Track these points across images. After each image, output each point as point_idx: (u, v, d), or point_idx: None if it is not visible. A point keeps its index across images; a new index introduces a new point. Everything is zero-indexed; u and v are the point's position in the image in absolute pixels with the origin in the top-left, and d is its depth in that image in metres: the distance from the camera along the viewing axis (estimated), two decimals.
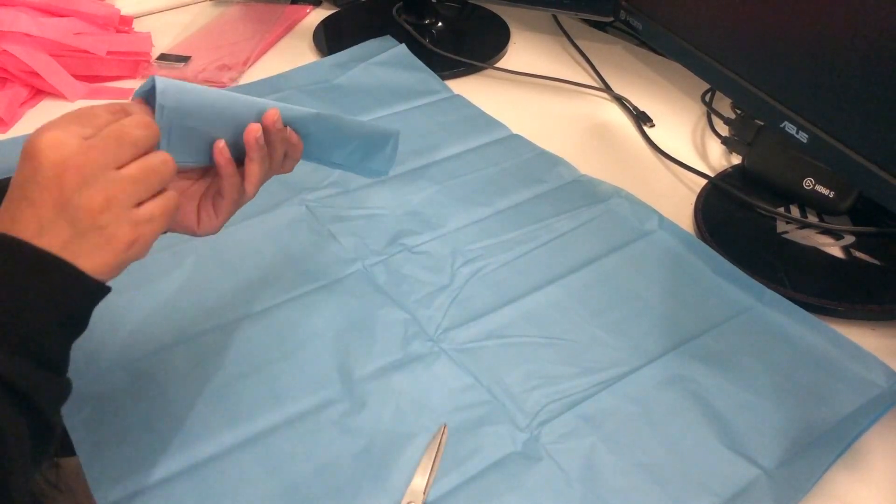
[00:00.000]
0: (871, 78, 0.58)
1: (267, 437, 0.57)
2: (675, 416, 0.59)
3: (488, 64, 1.04)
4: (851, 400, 0.59)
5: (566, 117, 0.95)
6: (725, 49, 0.74)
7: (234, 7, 1.17)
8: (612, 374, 0.62)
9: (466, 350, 0.64)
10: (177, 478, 0.54)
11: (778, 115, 0.68)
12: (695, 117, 0.95)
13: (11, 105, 0.92)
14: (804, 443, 0.56)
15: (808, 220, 0.75)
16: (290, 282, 0.70)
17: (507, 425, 0.58)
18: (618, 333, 0.65)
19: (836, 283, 0.69)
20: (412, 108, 0.95)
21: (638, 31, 0.86)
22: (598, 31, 1.14)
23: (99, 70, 0.98)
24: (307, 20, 1.16)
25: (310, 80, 0.99)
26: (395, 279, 0.70)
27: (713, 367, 0.62)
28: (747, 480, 0.54)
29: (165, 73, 0.99)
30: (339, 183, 0.82)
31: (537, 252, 0.73)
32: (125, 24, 1.05)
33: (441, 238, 0.75)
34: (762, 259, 0.72)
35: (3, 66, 0.93)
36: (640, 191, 0.80)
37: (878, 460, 0.57)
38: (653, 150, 0.89)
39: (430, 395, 0.60)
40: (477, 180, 0.83)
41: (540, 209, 0.79)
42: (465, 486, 0.54)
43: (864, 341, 0.64)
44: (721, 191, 0.80)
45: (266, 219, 0.77)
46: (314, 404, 0.59)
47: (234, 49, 1.05)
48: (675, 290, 0.69)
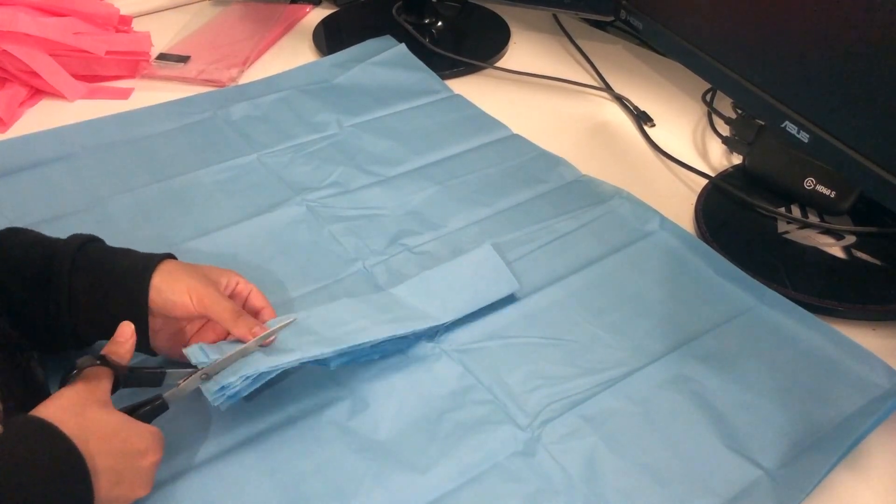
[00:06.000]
0: (872, 77, 0.58)
1: (267, 437, 0.57)
2: (676, 417, 0.58)
3: (488, 64, 1.03)
4: (853, 400, 0.59)
5: (566, 117, 0.95)
6: (726, 48, 0.73)
7: (233, 6, 1.17)
8: (614, 375, 0.61)
9: (467, 350, 0.63)
10: (177, 478, 0.54)
11: (779, 114, 0.68)
12: (695, 117, 0.95)
13: (11, 105, 0.91)
14: (805, 443, 0.56)
15: (808, 220, 0.75)
16: (290, 282, 0.70)
17: (508, 425, 0.58)
18: (619, 334, 0.65)
19: (837, 283, 0.69)
20: (412, 107, 0.94)
21: (638, 30, 0.86)
22: (598, 31, 1.14)
23: (98, 70, 0.98)
24: (307, 20, 1.16)
25: (309, 79, 0.99)
26: (396, 279, 0.70)
27: (714, 367, 0.62)
28: (748, 481, 0.54)
29: (165, 73, 0.99)
30: (339, 183, 0.82)
31: (538, 252, 0.73)
32: (124, 23, 1.04)
33: (442, 238, 0.75)
34: (763, 259, 0.72)
35: (3, 66, 0.93)
36: (641, 191, 0.80)
37: (880, 461, 0.57)
38: (653, 149, 0.89)
39: (431, 396, 0.60)
40: (477, 180, 0.83)
41: (541, 209, 0.78)
42: (467, 486, 0.54)
43: (865, 341, 0.64)
44: (722, 191, 0.80)
45: (266, 219, 0.77)
46: (314, 404, 0.59)
47: (234, 49, 1.05)
48: (676, 290, 0.69)
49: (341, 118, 0.92)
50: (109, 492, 0.47)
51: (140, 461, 0.49)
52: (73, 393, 0.49)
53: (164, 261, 0.58)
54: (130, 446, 0.49)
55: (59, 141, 0.86)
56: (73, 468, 0.45)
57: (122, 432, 0.49)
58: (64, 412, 0.47)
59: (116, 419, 0.50)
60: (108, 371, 0.51)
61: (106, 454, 0.47)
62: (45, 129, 0.88)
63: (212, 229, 0.75)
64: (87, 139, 0.87)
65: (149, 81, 0.99)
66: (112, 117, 0.91)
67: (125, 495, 0.49)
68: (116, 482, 0.47)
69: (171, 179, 0.82)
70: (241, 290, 0.61)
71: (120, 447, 0.48)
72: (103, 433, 0.48)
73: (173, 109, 0.92)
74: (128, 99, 0.96)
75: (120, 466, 0.48)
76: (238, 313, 0.56)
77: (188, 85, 0.98)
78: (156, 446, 0.51)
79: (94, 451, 0.46)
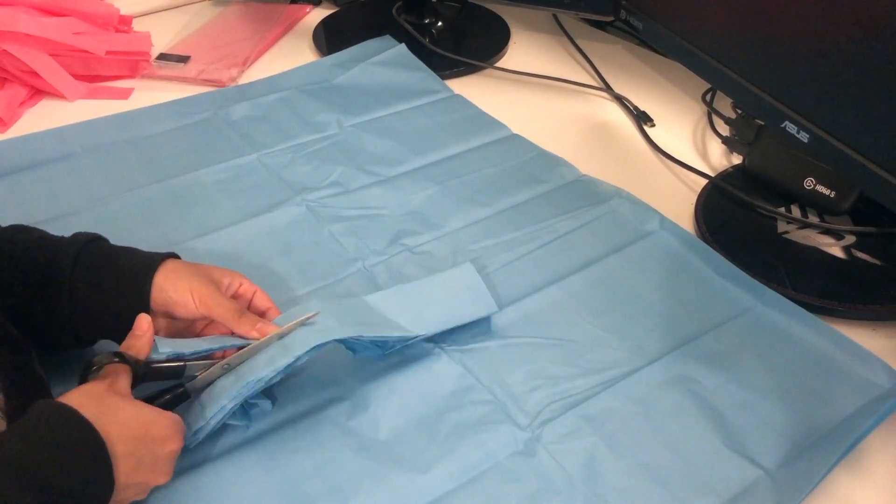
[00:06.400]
0: (872, 77, 0.58)
1: (267, 437, 0.57)
2: (676, 417, 0.58)
3: (488, 64, 1.03)
4: (853, 400, 0.59)
5: (566, 117, 0.95)
6: (726, 48, 0.73)
7: (233, 6, 1.17)
8: (614, 375, 0.61)
9: (467, 350, 0.63)
10: (177, 477, 0.54)
11: (779, 114, 0.68)
12: (695, 117, 0.95)
13: (10, 105, 0.91)
14: (805, 443, 0.56)
15: (808, 220, 0.75)
16: (290, 282, 0.70)
17: (508, 425, 0.58)
18: (619, 334, 0.65)
19: (837, 283, 0.69)
20: (412, 107, 0.95)
21: (638, 30, 0.86)
22: (598, 31, 1.14)
23: (98, 70, 0.98)
24: (307, 20, 1.16)
25: (309, 79, 0.99)
26: (396, 279, 0.70)
27: (714, 367, 0.62)
28: (748, 481, 0.54)
29: (165, 73, 0.99)
30: (339, 183, 0.82)
31: (538, 252, 0.73)
32: (124, 23, 1.04)
33: (442, 238, 0.75)
34: (763, 259, 0.72)
35: (3, 66, 0.93)
36: (641, 191, 0.80)
37: (880, 461, 0.57)
38: (653, 149, 0.89)
39: (431, 396, 0.60)
40: (477, 180, 0.83)
41: (541, 209, 0.78)
42: (467, 485, 0.54)
43: (865, 341, 0.64)
44: (722, 191, 0.80)
45: (266, 219, 0.77)
46: (314, 404, 0.59)
47: (234, 49, 1.05)
48: (676, 290, 0.69)
49: (341, 118, 0.92)
50: (129, 477, 0.47)
51: (160, 448, 0.49)
52: (92, 385, 0.49)
53: (167, 260, 0.58)
54: (150, 433, 0.49)
55: (60, 141, 0.86)
56: (93, 451, 0.45)
57: (142, 419, 0.49)
58: (84, 398, 0.47)
59: (136, 406, 0.50)
60: (125, 367, 0.51)
61: (126, 440, 0.47)
62: (45, 129, 0.88)
63: (212, 229, 0.75)
64: (87, 139, 0.87)
65: (149, 81, 0.99)
66: (112, 117, 0.91)
67: (144, 481, 0.49)
68: (136, 468, 0.47)
69: (172, 179, 0.82)
70: (245, 291, 0.60)
71: (140, 433, 0.48)
72: (123, 419, 0.48)
73: (173, 109, 0.92)
74: (128, 99, 0.96)
75: (140, 452, 0.48)
76: (240, 312, 0.56)
77: (188, 85, 0.98)
78: (176, 434, 0.51)
79: (113, 437, 0.46)
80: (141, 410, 0.49)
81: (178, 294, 0.56)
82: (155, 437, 0.49)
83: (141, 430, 0.48)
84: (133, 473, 0.47)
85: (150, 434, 0.49)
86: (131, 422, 0.48)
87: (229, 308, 0.56)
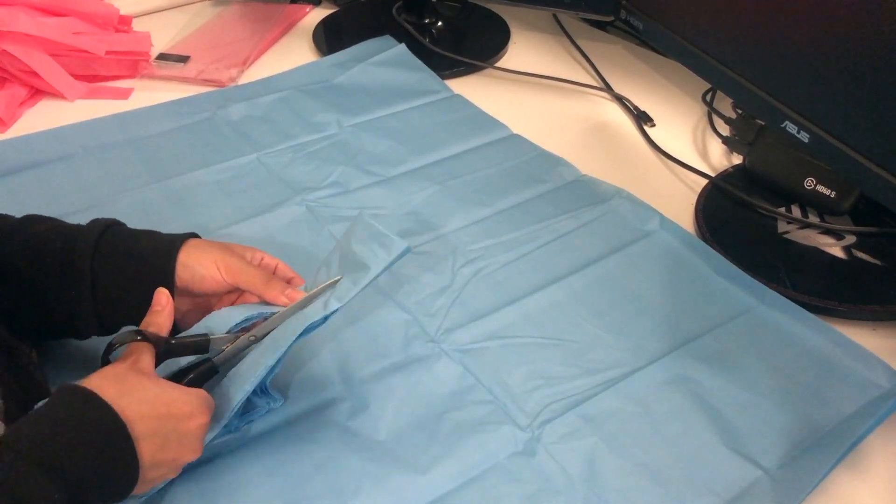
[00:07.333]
0: (872, 77, 0.58)
1: (267, 438, 0.57)
2: (676, 417, 0.58)
3: (488, 64, 1.03)
4: (853, 400, 0.59)
5: (566, 117, 0.95)
6: (726, 48, 0.73)
7: (233, 6, 1.17)
8: (614, 375, 0.61)
9: (467, 351, 0.63)
10: (176, 477, 0.54)
11: (779, 114, 0.68)
12: (695, 117, 0.95)
13: (10, 105, 0.91)
14: (806, 443, 0.56)
15: (809, 220, 0.75)
16: None
17: (508, 425, 0.58)
18: (619, 334, 0.65)
19: (838, 283, 0.69)
20: (412, 107, 0.94)
21: (638, 30, 0.86)
22: (598, 31, 1.14)
23: (98, 70, 0.98)
24: (307, 19, 1.16)
25: (309, 79, 0.99)
26: (396, 280, 0.70)
27: (714, 367, 0.62)
28: (749, 481, 0.54)
29: (165, 73, 0.99)
30: (339, 183, 0.82)
31: (538, 252, 0.73)
32: (124, 23, 1.04)
33: (442, 238, 0.75)
34: (763, 259, 0.72)
35: (3, 66, 0.93)
36: (641, 191, 0.80)
37: (880, 461, 0.57)
38: (653, 149, 0.89)
39: (431, 396, 0.60)
40: (477, 180, 0.83)
41: (541, 209, 0.78)
42: (467, 486, 0.54)
43: (866, 341, 0.64)
44: (722, 191, 0.80)
45: (266, 219, 0.77)
46: (314, 404, 0.59)
47: (234, 48, 1.05)
48: (677, 290, 0.69)
49: (341, 118, 0.92)
50: (154, 456, 0.47)
51: (185, 425, 0.49)
52: (114, 366, 0.49)
53: (190, 238, 0.58)
54: (173, 410, 0.48)
55: (59, 141, 0.86)
56: (114, 433, 0.45)
57: (164, 397, 0.48)
58: (104, 380, 0.47)
59: (158, 385, 0.49)
60: (147, 345, 0.50)
61: (148, 419, 0.46)
62: (45, 129, 0.88)
63: (212, 229, 0.75)
64: (87, 139, 0.87)
65: (149, 81, 0.99)
66: (112, 117, 0.91)
67: (173, 459, 0.49)
68: (162, 446, 0.47)
69: (171, 179, 0.82)
70: (269, 263, 0.60)
71: (163, 412, 0.47)
72: (144, 398, 0.47)
73: (173, 109, 0.92)
74: (128, 99, 0.96)
75: (164, 430, 0.47)
76: (268, 278, 0.56)
77: (188, 85, 0.98)
78: (202, 409, 0.50)
79: (134, 417, 0.45)
80: (163, 388, 0.49)
81: (203, 268, 0.56)
82: (179, 414, 0.48)
83: (163, 409, 0.48)
84: (160, 452, 0.47)
85: (173, 412, 0.48)
86: (154, 400, 0.47)
87: (256, 274, 0.56)
